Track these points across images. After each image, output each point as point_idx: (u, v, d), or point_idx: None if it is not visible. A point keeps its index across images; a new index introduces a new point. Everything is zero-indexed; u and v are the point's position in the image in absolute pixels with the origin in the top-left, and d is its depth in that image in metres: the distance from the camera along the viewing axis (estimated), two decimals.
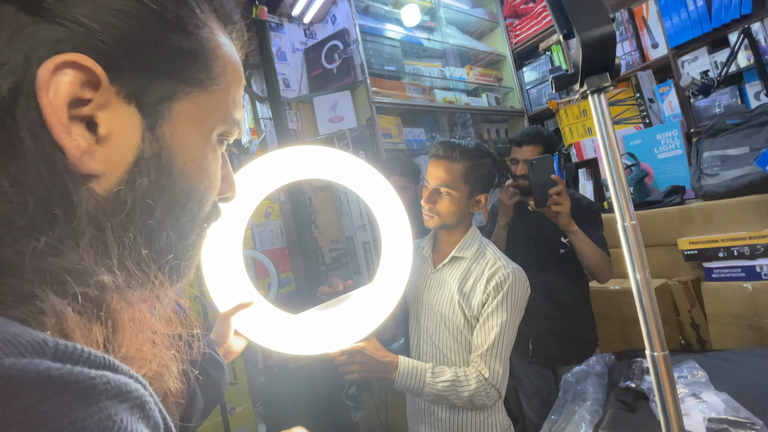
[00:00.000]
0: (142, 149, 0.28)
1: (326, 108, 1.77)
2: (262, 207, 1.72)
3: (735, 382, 0.80)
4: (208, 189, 0.33)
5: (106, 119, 0.26)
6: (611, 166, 0.37)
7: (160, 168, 0.29)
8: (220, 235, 0.69)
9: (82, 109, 0.25)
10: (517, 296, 0.93)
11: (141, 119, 0.28)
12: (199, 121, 0.31)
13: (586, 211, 1.36)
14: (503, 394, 0.91)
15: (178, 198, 0.31)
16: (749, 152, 1.44)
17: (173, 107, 0.29)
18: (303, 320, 0.77)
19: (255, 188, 0.72)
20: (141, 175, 0.28)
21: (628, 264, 0.36)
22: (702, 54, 1.84)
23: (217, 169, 0.34)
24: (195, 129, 0.31)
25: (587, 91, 0.37)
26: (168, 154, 0.29)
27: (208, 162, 0.33)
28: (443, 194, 0.97)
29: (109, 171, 0.27)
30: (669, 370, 0.33)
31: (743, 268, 1.36)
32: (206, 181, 0.33)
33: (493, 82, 2.43)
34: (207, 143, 0.32)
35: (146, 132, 0.28)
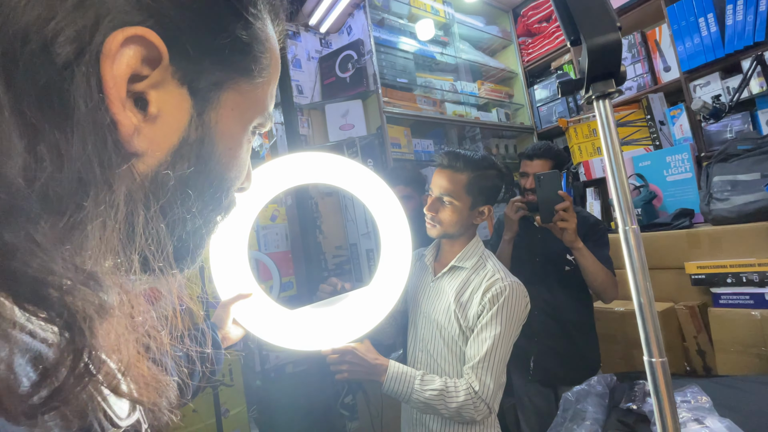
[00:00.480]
0: (188, 133, 0.28)
1: (337, 115, 1.79)
2: (268, 210, 1.73)
3: (739, 408, 0.77)
4: (236, 178, 0.33)
5: (158, 98, 0.26)
6: (614, 172, 0.37)
7: (201, 154, 0.29)
8: (228, 232, 0.70)
9: (138, 85, 0.25)
10: (513, 310, 0.91)
11: (191, 103, 0.28)
12: (242, 112, 0.31)
13: (593, 230, 1.35)
14: (495, 410, 0.89)
15: (211, 185, 0.31)
16: (760, 178, 1.43)
17: (221, 95, 0.29)
18: (299, 316, 0.78)
19: (264, 190, 0.74)
20: (182, 159, 0.28)
21: (628, 269, 0.36)
22: (714, 79, 1.84)
23: (247, 160, 0.34)
24: (237, 119, 0.31)
25: (592, 97, 0.38)
26: (210, 141, 0.29)
27: (242, 152, 0.33)
28: (445, 203, 0.97)
29: (152, 152, 0.27)
30: (667, 378, 0.33)
31: (752, 295, 1.34)
32: (237, 170, 0.33)
33: (504, 98, 2.45)
34: (244, 134, 0.32)
35: (194, 116, 0.28)
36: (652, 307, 0.34)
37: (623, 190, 0.36)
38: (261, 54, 0.31)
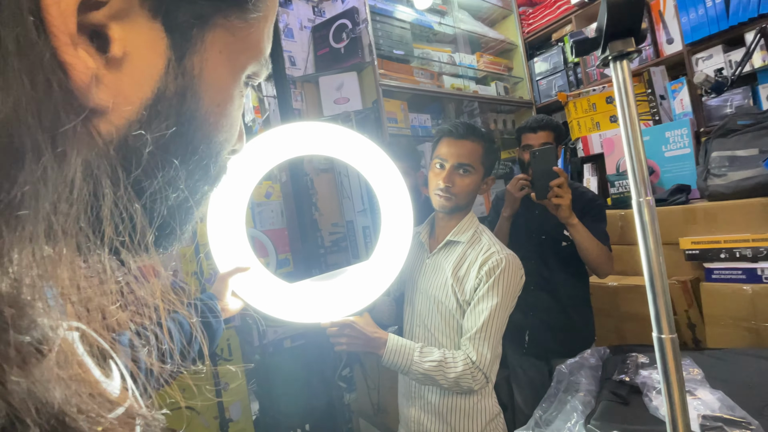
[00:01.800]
0: (165, 83, 0.22)
1: (332, 88, 1.74)
2: (263, 187, 1.70)
3: (731, 381, 0.79)
4: (226, 141, 0.27)
5: (123, 34, 0.19)
6: (630, 141, 0.35)
7: (182, 111, 0.23)
8: (224, 207, 0.68)
9: (93, 15, 0.19)
10: (509, 282, 0.93)
11: (167, 42, 0.21)
12: (233, 56, 0.25)
13: (590, 204, 1.34)
14: (492, 380, 0.92)
15: (196, 151, 0.25)
16: (758, 154, 1.42)
17: (207, 34, 0.23)
18: (298, 289, 0.77)
19: (259, 163, 0.71)
20: (159, 118, 0.22)
21: (640, 242, 0.34)
22: (717, 52, 1.80)
23: (238, 119, 0.28)
24: (227, 65, 0.25)
25: (609, 57, 0.35)
26: (194, 94, 0.23)
27: (233, 109, 0.27)
28: (464, 173, 0.97)
29: (118, 107, 0.20)
30: (677, 353, 0.32)
31: (744, 270, 1.35)
32: (227, 132, 0.27)
33: (503, 71, 2.39)
34: (236, 85, 0.26)
35: (172, 61, 0.22)
36: (664, 280, 0.33)
37: (638, 160, 0.35)
38: None
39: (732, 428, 0.62)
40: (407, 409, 1.03)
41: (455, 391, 0.94)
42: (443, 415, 0.96)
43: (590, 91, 2.15)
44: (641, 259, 0.35)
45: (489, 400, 0.99)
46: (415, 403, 1.01)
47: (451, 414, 0.96)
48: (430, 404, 0.98)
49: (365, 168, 0.79)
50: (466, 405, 0.96)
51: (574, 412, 0.93)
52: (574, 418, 0.91)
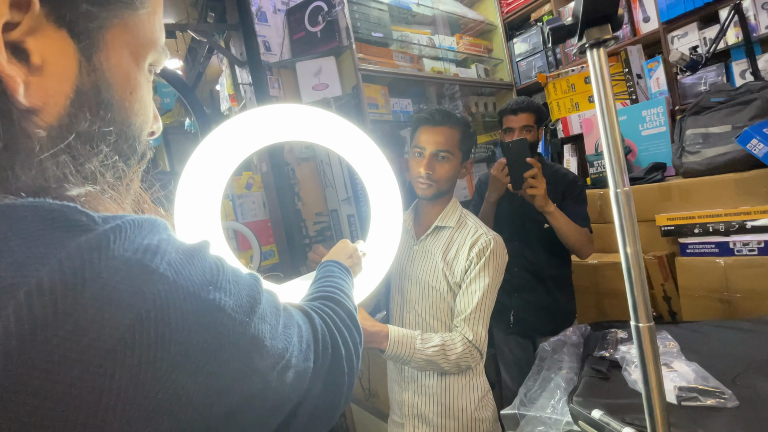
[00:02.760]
0: (81, 81, 0.27)
1: (309, 74, 1.69)
2: (243, 178, 1.66)
3: (705, 352, 0.83)
4: (144, 123, 0.32)
5: (38, 46, 0.24)
6: (607, 129, 0.35)
7: (101, 101, 0.28)
8: (196, 201, 0.65)
9: (12, 34, 0.23)
10: (498, 261, 0.96)
11: (75, 47, 0.26)
12: (133, 49, 0.30)
13: (572, 186, 1.36)
14: (484, 356, 0.95)
15: (120, 134, 0.29)
16: (731, 130, 1.46)
17: (106, 34, 0.28)
18: (287, 290, 0.75)
19: (234, 149, 0.67)
20: (83, 110, 0.27)
21: (618, 232, 0.35)
22: (692, 30, 1.82)
23: (150, 102, 0.33)
24: (129, 57, 0.30)
25: (585, 45, 0.35)
26: (107, 86, 0.28)
27: (144, 94, 0.32)
28: (442, 159, 0.97)
29: (48, 106, 0.25)
30: (653, 341, 0.33)
31: (717, 244, 1.40)
32: (143, 114, 0.32)
33: (483, 52, 2.37)
34: (141, 73, 0.31)
35: (82, 61, 0.27)
36: (642, 272, 0.34)
37: (616, 149, 0.34)
38: None
39: (706, 398, 0.65)
40: (400, 394, 1.05)
41: (453, 372, 0.96)
42: (437, 396, 0.99)
43: (569, 72, 2.15)
44: (619, 249, 0.35)
45: (480, 378, 1.02)
46: (408, 386, 1.02)
47: (445, 394, 0.98)
48: (424, 386, 1.00)
49: (350, 154, 0.76)
50: (459, 384, 0.99)
51: (557, 390, 0.96)
52: (557, 395, 0.94)
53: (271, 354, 0.29)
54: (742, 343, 0.85)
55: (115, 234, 0.23)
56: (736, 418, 0.60)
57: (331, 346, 0.38)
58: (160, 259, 0.24)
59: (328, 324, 0.40)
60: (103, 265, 0.21)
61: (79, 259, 0.21)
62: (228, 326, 0.26)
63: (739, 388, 0.65)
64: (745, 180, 1.38)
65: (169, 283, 0.23)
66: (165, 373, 0.22)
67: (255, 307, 0.29)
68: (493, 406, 1.04)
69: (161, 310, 0.22)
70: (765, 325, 0.89)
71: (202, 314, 0.24)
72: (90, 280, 0.21)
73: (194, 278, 0.25)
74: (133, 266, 0.22)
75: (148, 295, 0.22)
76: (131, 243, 0.23)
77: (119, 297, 0.21)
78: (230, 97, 2.02)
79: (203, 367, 0.24)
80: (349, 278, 0.62)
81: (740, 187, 1.39)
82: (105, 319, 0.20)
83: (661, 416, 0.34)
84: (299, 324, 0.36)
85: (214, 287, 0.26)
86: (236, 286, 0.28)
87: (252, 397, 0.27)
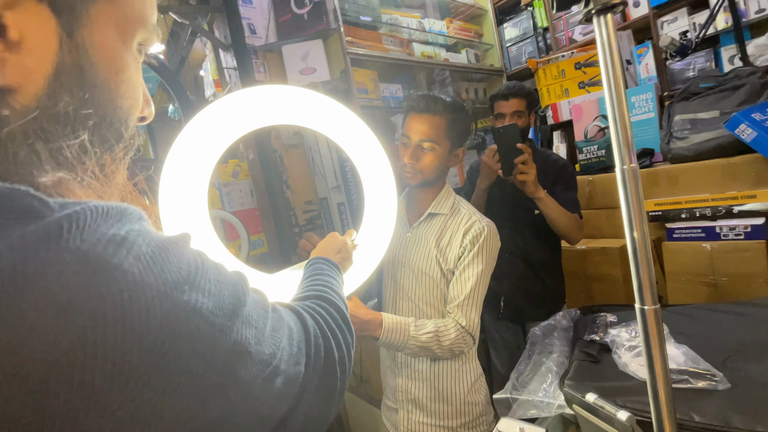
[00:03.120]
0: (62, 58, 0.24)
1: (296, 58, 1.64)
2: (229, 166, 1.62)
3: (695, 335, 0.84)
4: (132, 107, 0.30)
5: (16, 20, 0.22)
6: (614, 102, 0.33)
7: (83, 81, 0.26)
8: (181, 190, 0.62)
9: None
10: (491, 248, 0.96)
11: (56, 21, 0.24)
12: (120, 26, 0.28)
13: (562, 173, 1.36)
14: (477, 341, 0.96)
15: (105, 116, 0.27)
16: (719, 116, 1.47)
17: (90, 8, 0.26)
18: (278, 280, 0.73)
19: (220, 134, 0.64)
20: (63, 90, 0.25)
21: (624, 211, 0.33)
22: (682, 15, 1.82)
23: (139, 83, 0.31)
24: (116, 35, 0.27)
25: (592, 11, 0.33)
26: (91, 66, 0.26)
27: (131, 74, 0.29)
28: (426, 150, 0.94)
29: (26, 84, 0.23)
30: (659, 324, 0.32)
31: (704, 228, 1.43)
32: (131, 97, 0.29)
33: (474, 37, 2.33)
34: (129, 52, 0.29)
35: (64, 38, 0.24)
36: (648, 252, 0.33)
37: (623, 122, 0.33)
38: None
39: (697, 380, 0.66)
40: (393, 380, 1.05)
41: (446, 358, 0.96)
42: (430, 381, 0.99)
43: (559, 57, 2.14)
44: (624, 230, 0.34)
45: (472, 362, 1.03)
46: (402, 372, 1.02)
47: (438, 379, 0.99)
48: (418, 372, 1.00)
49: (343, 139, 0.73)
50: (452, 369, 0.99)
51: (548, 374, 0.97)
52: (549, 379, 0.95)
53: (256, 361, 0.26)
54: (731, 326, 0.86)
55: (70, 222, 0.20)
56: (727, 400, 0.61)
57: (324, 349, 0.36)
58: (125, 252, 0.21)
59: (321, 325, 0.38)
60: (51, 260, 0.18)
61: (21, 251, 0.18)
62: (205, 332, 0.23)
63: (730, 371, 0.66)
64: (732, 165, 1.40)
65: (134, 281, 0.20)
66: (126, 390, 0.19)
67: (238, 309, 0.26)
68: (485, 390, 1.05)
69: (122, 313, 0.19)
70: (755, 308, 0.90)
71: (175, 318, 0.21)
72: (32, 277, 0.17)
73: (167, 276, 0.22)
74: (89, 261, 0.19)
75: (106, 297, 0.19)
76: (91, 233, 0.20)
77: (68, 299, 0.18)
78: (215, 82, 1.96)
79: (174, 381, 0.21)
80: (338, 275, 0.60)
81: (727, 173, 1.41)
82: (48, 325, 0.17)
83: (666, 399, 0.33)
84: (290, 326, 0.33)
85: (190, 287, 0.23)
86: (217, 286, 0.25)
87: (233, 410, 0.25)
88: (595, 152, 1.91)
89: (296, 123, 0.69)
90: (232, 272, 0.29)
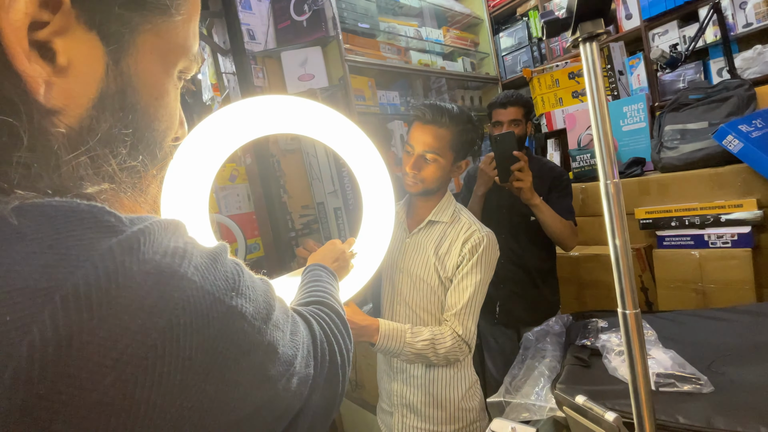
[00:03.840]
0: (106, 84, 0.26)
1: (295, 64, 1.66)
2: (227, 170, 1.63)
3: (682, 340, 0.86)
4: (168, 129, 0.31)
5: (66, 47, 0.24)
6: (598, 122, 0.35)
7: (125, 106, 0.27)
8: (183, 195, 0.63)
9: (40, 33, 0.23)
10: (490, 258, 0.97)
11: (104, 50, 0.25)
12: (163, 55, 0.29)
13: (558, 179, 1.39)
14: (473, 349, 0.96)
15: (142, 138, 0.29)
16: (708, 127, 1.51)
17: (137, 38, 0.27)
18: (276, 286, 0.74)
19: (221, 142, 0.66)
20: (105, 113, 0.26)
21: (607, 222, 0.36)
22: (672, 27, 1.87)
23: (177, 108, 0.32)
24: (159, 63, 0.29)
25: (579, 39, 0.35)
26: (133, 91, 0.27)
27: (170, 100, 0.31)
28: (429, 161, 0.95)
29: (71, 107, 0.25)
30: (640, 326, 0.34)
31: (693, 236, 1.46)
32: (167, 120, 0.31)
33: (470, 46, 2.37)
34: (169, 80, 0.30)
35: (110, 65, 0.26)
36: (629, 259, 0.35)
37: (606, 140, 0.35)
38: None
39: (683, 384, 0.68)
40: (389, 384, 1.05)
41: (441, 365, 0.97)
42: (426, 387, 1.00)
43: (554, 67, 2.18)
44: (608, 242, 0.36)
45: (468, 369, 1.03)
46: (397, 377, 1.03)
47: (433, 385, 1.00)
48: (413, 377, 1.01)
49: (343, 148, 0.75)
50: (447, 375, 1.00)
51: (541, 378, 0.98)
52: (541, 383, 0.97)
53: (282, 362, 0.29)
54: (716, 332, 0.88)
55: (144, 236, 0.22)
56: (711, 403, 0.63)
57: (328, 353, 0.38)
58: (188, 263, 0.23)
59: (325, 330, 0.40)
60: (136, 269, 0.21)
61: (112, 262, 0.20)
62: (249, 333, 0.26)
63: (714, 375, 0.68)
64: (720, 175, 1.44)
65: (196, 288, 0.23)
66: (191, 382, 0.22)
67: (270, 314, 0.29)
68: (480, 396, 1.06)
69: (191, 317, 0.22)
70: (738, 314, 0.93)
71: (227, 321, 0.24)
72: (123, 284, 0.20)
73: (219, 283, 0.24)
74: (163, 270, 0.22)
75: (178, 301, 0.22)
76: (160, 245, 0.22)
77: (151, 302, 0.21)
78: (213, 87, 1.97)
79: (225, 376, 0.24)
80: (335, 282, 0.62)
81: (715, 182, 1.45)
82: (138, 325, 0.20)
83: (646, 398, 0.35)
84: (301, 330, 0.35)
85: (236, 293, 0.25)
86: (254, 292, 0.28)
87: (263, 405, 0.27)
88: (588, 160, 1.94)
89: (295, 131, 0.71)
90: (259, 279, 0.31)
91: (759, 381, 0.66)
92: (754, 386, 0.65)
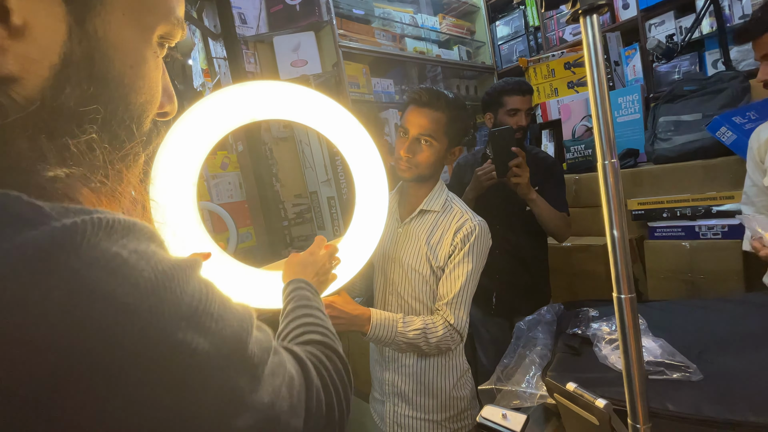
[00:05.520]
0: (70, 48, 0.22)
1: (288, 49, 1.62)
2: (218, 158, 1.60)
3: (671, 329, 0.87)
4: (148, 102, 0.27)
5: (20, 5, 0.20)
6: (597, 99, 0.34)
7: (94, 74, 0.23)
8: (170, 182, 0.62)
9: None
10: (482, 247, 0.96)
11: (65, 8, 0.22)
12: (139, 17, 0.25)
13: (552, 170, 1.38)
14: (464, 338, 0.97)
15: (114, 114, 0.25)
16: (702, 118, 1.51)
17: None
18: (267, 274, 0.73)
19: (210, 127, 0.65)
20: (70, 82, 0.23)
21: (604, 204, 0.35)
22: (669, 18, 1.86)
23: (158, 79, 0.28)
24: (133, 26, 0.25)
25: (579, 11, 0.34)
26: (102, 58, 0.24)
27: (149, 69, 0.27)
28: (424, 144, 0.94)
29: (29, 74, 0.21)
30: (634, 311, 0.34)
31: (684, 227, 1.47)
32: (147, 93, 0.27)
33: (466, 34, 2.34)
34: (147, 46, 0.26)
35: (73, 26, 0.22)
36: (626, 243, 0.34)
37: (605, 120, 0.34)
38: None
39: (672, 372, 0.69)
40: (381, 373, 1.06)
41: (433, 354, 0.97)
42: (417, 376, 1.00)
43: (549, 57, 2.16)
44: (604, 222, 0.35)
45: (459, 358, 1.04)
46: (389, 366, 1.04)
47: (424, 374, 1.00)
48: (405, 366, 1.01)
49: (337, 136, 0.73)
50: (438, 364, 1.00)
51: (532, 366, 0.99)
52: (532, 371, 0.97)
53: (252, 411, 0.24)
54: (705, 321, 0.89)
55: (68, 235, 0.17)
56: (700, 391, 0.64)
57: (325, 405, 0.33)
58: (122, 278, 0.18)
59: (324, 377, 0.35)
60: (42, 281, 0.16)
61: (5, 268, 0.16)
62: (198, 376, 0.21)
63: (703, 363, 0.69)
64: (712, 167, 1.44)
65: (125, 311, 0.18)
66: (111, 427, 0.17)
67: (240, 351, 0.24)
68: (471, 385, 1.06)
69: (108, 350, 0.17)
70: (727, 304, 0.94)
71: (166, 358, 0.19)
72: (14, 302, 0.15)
73: (166, 309, 0.20)
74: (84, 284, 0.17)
75: (91, 330, 0.17)
76: (90, 249, 0.18)
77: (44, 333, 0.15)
78: (203, 72, 1.93)
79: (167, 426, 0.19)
80: (320, 300, 0.56)
81: (708, 174, 1.45)
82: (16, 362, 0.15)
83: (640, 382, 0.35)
84: (291, 373, 0.30)
85: (187, 323, 0.21)
86: (219, 323, 0.23)
87: None
88: (582, 151, 1.94)
89: (287, 118, 0.69)
90: (238, 307, 0.27)
91: (747, 369, 0.67)
92: (742, 374, 0.66)
